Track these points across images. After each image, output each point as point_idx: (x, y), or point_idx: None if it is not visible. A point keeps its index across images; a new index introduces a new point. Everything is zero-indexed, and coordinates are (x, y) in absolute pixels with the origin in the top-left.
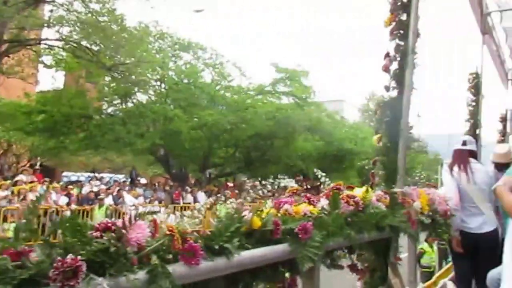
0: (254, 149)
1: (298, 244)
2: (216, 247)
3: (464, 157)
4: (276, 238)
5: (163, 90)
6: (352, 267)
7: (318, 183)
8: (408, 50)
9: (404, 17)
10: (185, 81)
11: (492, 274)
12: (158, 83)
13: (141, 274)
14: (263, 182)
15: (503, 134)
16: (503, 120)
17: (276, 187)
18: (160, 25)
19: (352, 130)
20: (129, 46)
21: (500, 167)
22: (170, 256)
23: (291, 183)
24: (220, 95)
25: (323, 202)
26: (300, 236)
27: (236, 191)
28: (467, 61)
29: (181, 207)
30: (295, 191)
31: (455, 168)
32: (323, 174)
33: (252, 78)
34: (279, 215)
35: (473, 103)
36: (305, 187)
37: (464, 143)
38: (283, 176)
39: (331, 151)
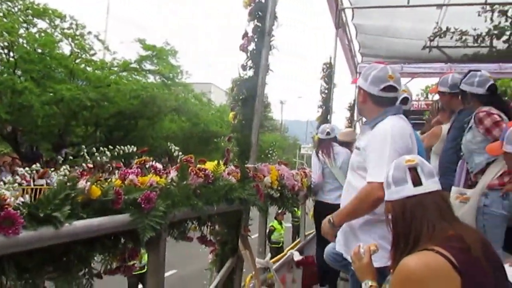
0: (116, 129)
1: (140, 214)
2: (42, 215)
3: (327, 145)
4: (118, 208)
5: (11, 59)
6: (202, 239)
7: None
8: (265, 31)
9: None
10: (39, 51)
11: (327, 248)
12: (6, 51)
13: None
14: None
15: (350, 121)
16: (351, 108)
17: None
18: None
19: (219, 113)
20: None
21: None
22: None
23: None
24: (80, 69)
25: (173, 174)
26: (142, 205)
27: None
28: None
29: (32, 189)
30: (142, 162)
31: (320, 152)
32: (177, 148)
33: (117, 53)
34: (123, 186)
35: (326, 91)
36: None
37: (328, 134)
38: (148, 157)
39: (197, 132)
